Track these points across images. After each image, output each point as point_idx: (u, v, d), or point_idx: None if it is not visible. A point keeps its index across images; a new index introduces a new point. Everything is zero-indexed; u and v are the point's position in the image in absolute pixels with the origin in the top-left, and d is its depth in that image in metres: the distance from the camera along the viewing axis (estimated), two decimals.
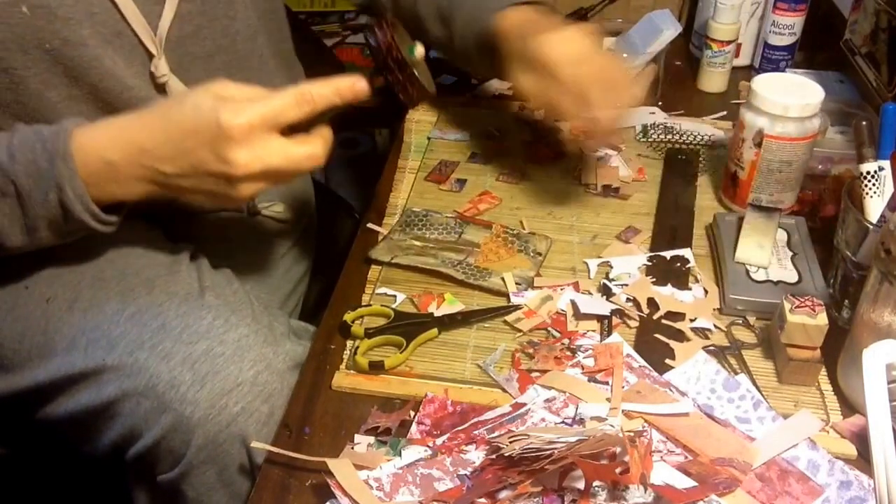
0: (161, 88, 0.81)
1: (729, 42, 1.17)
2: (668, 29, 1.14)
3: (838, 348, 0.72)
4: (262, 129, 0.66)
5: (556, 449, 0.58)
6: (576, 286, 0.81)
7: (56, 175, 0.68)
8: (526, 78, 0.84)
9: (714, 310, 0.79)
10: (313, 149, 0.69)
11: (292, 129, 0.69)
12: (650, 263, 0.84)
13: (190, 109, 0.67)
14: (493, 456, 0.62)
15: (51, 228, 0.71)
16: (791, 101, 0.85)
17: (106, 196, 0.70)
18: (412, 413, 0.68)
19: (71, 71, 0.75)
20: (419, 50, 0.75)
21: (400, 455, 0.64)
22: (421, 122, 1.10)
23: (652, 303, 0.79)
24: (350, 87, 0.70)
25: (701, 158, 1.03)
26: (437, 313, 0.78)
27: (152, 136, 0.68)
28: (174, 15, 0.79)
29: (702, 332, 0.77)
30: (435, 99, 1.13)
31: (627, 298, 0.79)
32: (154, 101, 0.79)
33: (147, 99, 0.79)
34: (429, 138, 1.07)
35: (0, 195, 0.69)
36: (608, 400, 0.68)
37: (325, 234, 1.11)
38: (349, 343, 0.75)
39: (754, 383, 0.71)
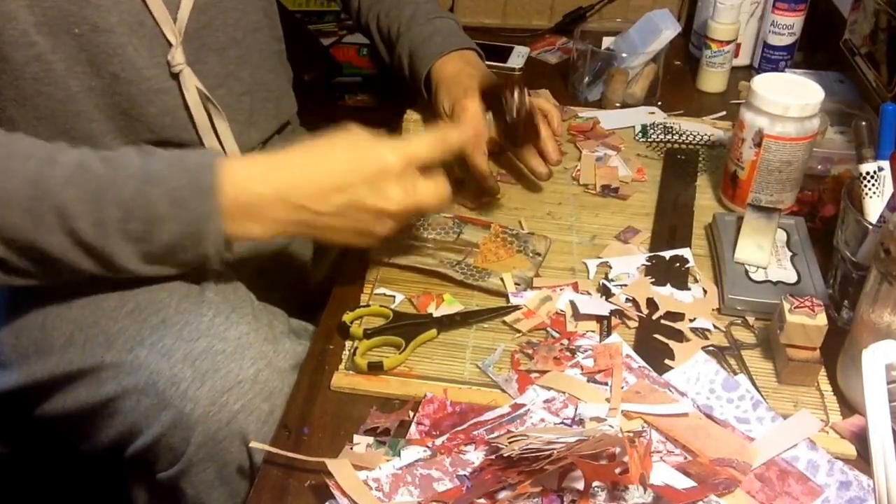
0: (175, 78, 0.82)
1: (728, 42, 1.17)
2: (668, 29, 1.15)
3: (838, 348, 0.72)
4: (412, 166, 0.71)
5: (555, 449, 0.58)
6: (575, 286, 0.81)
7: (201, 211, 0.66)
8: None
9: (713, 310, 0.79)
10: (444, 187, 0.74)
11: None
12: (649, 263, 0.84)
13: (347, 147, 0.70)
14: (493, 456, 0.62)
15: (166, 258, 0.69)
16: (791, 101, 0.85)
17: (239, 234, 0.69)
18: (411, 413, 0.68)
19: (94, 59, 0.77)
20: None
21: (399, 455, 0.64)
22: (419, 122, 1.10)
23: (651, 303, 0.79)
24: (478, 136, 0.83)
25: (700, 158, 1.03)
26: (436, 314, 0.78)
27: (307, 172, 0.69)
28: (192, 5, 0.81)
29: (701, 333, 0.76)
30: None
31: (627, 299, 0.79)
32: (169, 92, 0.82)
33: (163, 90, 0.82)
34: None
35: (127, 219, 0.66)
36: (607, 400, 0.68)
37: None
38: (348, 344, 0.75)
39: (754, 383, 0.71)
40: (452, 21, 1.06)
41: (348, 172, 0.69)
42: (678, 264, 0.84)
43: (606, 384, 0.70)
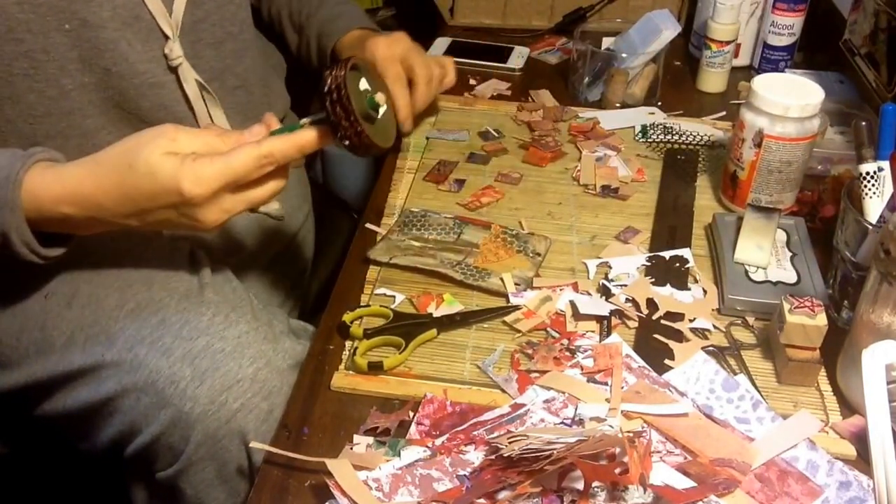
0: (174, 71, 0.82)
1: (728, 42, 1.17)
2: (668, 29, 1.15)
3: (838, 349, 0.72)
4: (224, 191, 0.66)
5: (555, 449, 0.58)
6: (575, 286, 0.81)
7: (2, 223, 0.67)
8: None
9: (713, 310, 0.79)
10: (275, 186, 0.70)
11: None
12: (649, 264, 0.84)
13: (146, 177, 0.65)
14: (493, 456, 0.62)
15: None
16: (791, 101, 0.85)
17: (62, 233, 0.70)
18: (411, 413, 0.68)
19: (86, 54, 0.76)
20: (379, 98, 0.70)
21: (399, 455, 0.64)
22: (420, 122, 1.10)
23: (651, 303, 0.79)
24: (312, 140, 0.68)
25: (700, 159, 1.03)
26: (436, 314, 0.78)
27: (109, 195, 0.67)
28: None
29: (701, 333, 0.76)
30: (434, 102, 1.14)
31: (626, 299, 0.79)
32: (166, 86, 0.82)
33: (158, 84, 0.81)
34: (427, 138, 1.07)
35: None
36: (607, 400, 0.68)
37: (323, 233, 1.11)
38: (348, 344, 0.75)
39: (753, 384, 0.71)
40: (358, 9, 1.10)
41: (149, 201, 0.67)
42: (678, 264, 0.84)
43: (606, 384, 0.70)
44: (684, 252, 0.85)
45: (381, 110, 0.70)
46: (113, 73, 0.78)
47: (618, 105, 1.15)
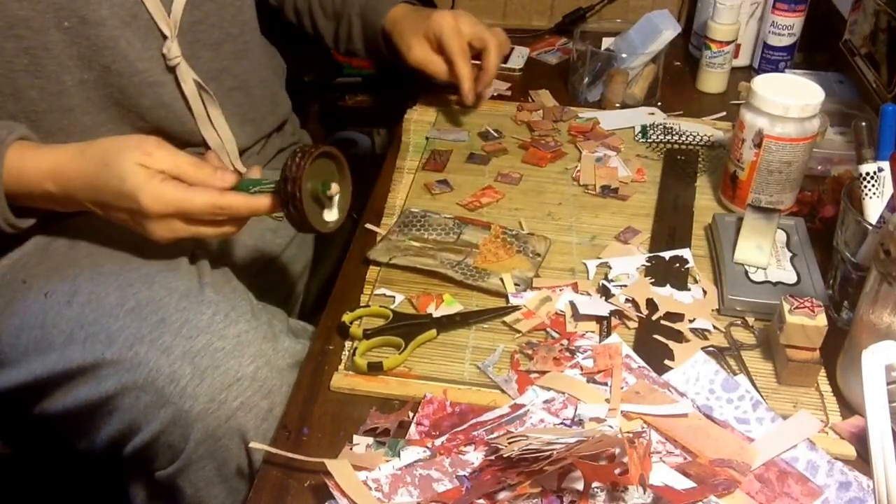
0: (171, 71, 0.83)
1: (728, 42, 1.17)
2: (668, 29, 1.15)
3: (838, 349, 0.72)
4: (175, 217, 0.72)
5: (554, 450, 0.58)
6: (574, 287, 0.81)
7: None
8: (424, 50, 1.02)
9: (713, 310, 0.79)
10: (227, 230, 0.75)
11: None
12: (649, 264, 0.84)
13: (115, 179, 0.71)
14: (492, 457, 0.62)
15: None
16: (791, 101, 0.85)
17: (37, 205, 0.75)
18: (411, 414, 0.68)
19: (85, 52, 0.78)
20: (333, 188, 0.75)
21: (399, 456, 0.64)
22: (420, 123, 1.10)
23: (651, 303, 0.79)
24: (265, 207, 0.73)
25: (700, 159, 1.03)
26: (436, 314, 0.78)
27: (82, 180, 0.72)
28: (186, 0, 0.82)
29: (701, 333, 0.76)
30: (433, 99, 1.14)
31: (626, 299, 0.79)
32: (165, 85, 0.83)
33: (157, 83, 0.82)
34: (427, 138, 1.07)
35: None
36: (607, 401, 0.68)
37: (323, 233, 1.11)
38: (348, 344, 0.75)
39: (753, 384, 0.71)
40: None
41: (112, 199, 0.72)
42: (678, 265, 0.84)
43: (606, 384, 0.70)
44: (684, 252, 0.85)
45: (335, 199, 0.76)
46: (112, 71, 0.79)
47: (618, 105, 1.15)
